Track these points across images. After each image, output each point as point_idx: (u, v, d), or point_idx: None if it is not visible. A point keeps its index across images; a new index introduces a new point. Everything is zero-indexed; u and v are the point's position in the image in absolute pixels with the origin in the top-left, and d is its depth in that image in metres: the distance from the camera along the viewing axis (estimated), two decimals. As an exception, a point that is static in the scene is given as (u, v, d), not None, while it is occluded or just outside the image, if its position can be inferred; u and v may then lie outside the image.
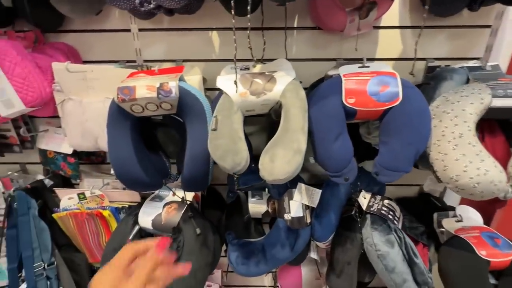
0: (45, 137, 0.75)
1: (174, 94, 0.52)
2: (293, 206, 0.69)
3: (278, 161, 0.47)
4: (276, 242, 0.68)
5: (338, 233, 0.70)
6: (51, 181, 0.85)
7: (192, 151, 0.55)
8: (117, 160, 0.55)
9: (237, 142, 0.49)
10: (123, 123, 0.55)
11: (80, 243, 0.80)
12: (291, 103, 0.50)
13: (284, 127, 0.49)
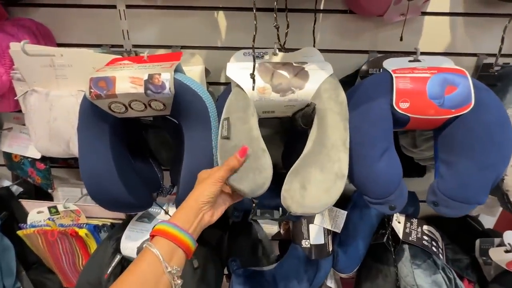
0: (8, 137, 0.61)
1: (167, 90, 0.38)
2: (313, 231, 0.56)
3: (313, 189, 0.33)
4: (291, 274, 0.56)
5: (367, 264, 0.58)
6: (20, 188, 0.72)
7: (190, 165, 0.41)
8: (90, 174, 0.41)
9: (259, 156, 0.35)
10: (99, 125, 0.41)
11: (52, 264, 0.66)
12: (329, 107, 0.37)
13: (319, 140, 0.36)
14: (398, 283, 0.53)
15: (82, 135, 0.41)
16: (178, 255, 0.32)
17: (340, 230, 0.57)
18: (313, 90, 0.38)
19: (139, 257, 0.31)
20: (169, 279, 0.30)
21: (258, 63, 0.42)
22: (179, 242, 0.32)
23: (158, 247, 0.31)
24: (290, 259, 0.57)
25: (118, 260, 0.50)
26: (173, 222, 0.33)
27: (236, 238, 0.63)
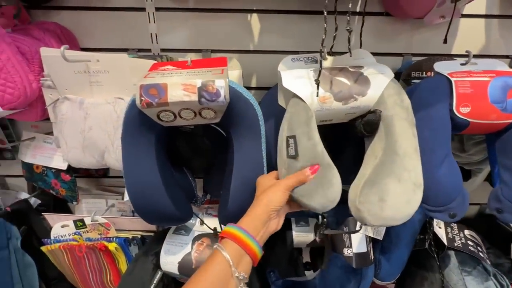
0: (31, 147, 0.58)
1: (222, 97, 0.36)
2: (355, 239, 0.55)
3: (393, 201, 0.32)
4: (335, 284, 0.54)
5: (409, 271, 0.56)
6: (38, 200, 0.68)
7: (241, 174, 0.39)
8: (137, 188, 0.39)
9: (327, 171, 0.34)
10: (145, 135, 0.39)
11: (77, 281, 0.63)
12: (395, 113, 0.35)
13: (390, 149, 0.34)
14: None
15: (127, 146, 0.39)
16: (246, 261, 0.32)
17: (382, 237, 0.55)
18: (376, 96, 0.37)
19: (210, 259, 0.31)
20: (236, 284, 0.30)
21: (313, 70, 0.40)
22: (247, 248, 0.32)
23: (228, 251, 0.31)
24: (332, 268, 0.55)
25: (159, 277, 0.48)
26: (243, 227, 0.32)
27: (273, 247, 0.61)
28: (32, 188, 0.71)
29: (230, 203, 0.39)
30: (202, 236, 0.52)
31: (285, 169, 0.36)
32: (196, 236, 0.51)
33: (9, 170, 0.72)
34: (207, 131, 0.49)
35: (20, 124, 0.66)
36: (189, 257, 0.49)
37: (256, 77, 0.63)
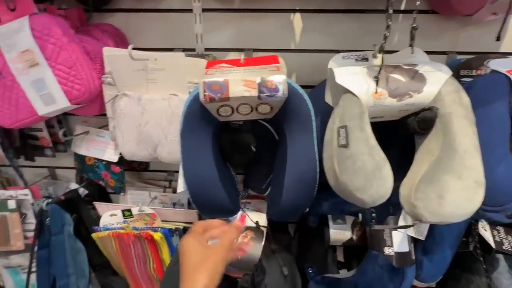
0: (84, 140, 0.62)
1: (281, 93, 0.37)
2: (396, 238, 0.54)
3: (453, 198, 0.32)
4: (375, 282, 0.54)
5: (453, 274, 0.55)
6: (85, 190, 0.72)
7: (295, 172, 0.40)
8: (196, 179, 0.41)
9: (382, 166, 0.34)
10: (203, 129, 0.41)
11: (122, 268, 0.66)
12: (454, 111, 0.35)
13: (448, 146, 0.34)
14: (492, 294, 0.50)
15: (186, 139, 0.41)
16: None
17: (424, 238, 0.54)
18: (433, 93, 0.37)
19: None
20: None
21: (366, 67, 0.40)
22: None
23: None
24: (371, 266, 0.55)
25: (207, 265, 0.50)
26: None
27: (310, 244, 0.62)
28: (80, 179, 0.76)
29: (284, 199, 0.40)
30: (246, 229, 0.53)
31: (335, 158, 0.36)
32: (239, 229, 0.53)
33: (59, 162, 0.77)
34: (255, 127, 0.50)
35: (72, 119, 0.71)
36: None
37: (296, 76, 0.64)
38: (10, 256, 0.76)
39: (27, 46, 0.44)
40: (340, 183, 0.35)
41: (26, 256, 0.77)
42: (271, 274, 0.49)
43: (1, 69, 0.46)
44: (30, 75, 0.46)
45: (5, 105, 0.48)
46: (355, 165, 0.34)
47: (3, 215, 0.63)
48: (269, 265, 0.49)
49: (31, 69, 0.45)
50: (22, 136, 0.65)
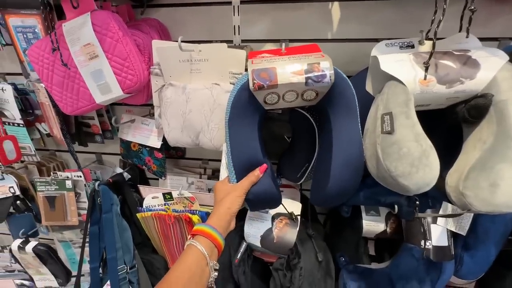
0: (131, 127, 0.67)
1: (328, 78, 0.38)
2: (435, 231, 0.53)
3: (508, 186, 0.31)
4: (411, 275, 0.53)
5: (496, 272, 0.53)
6: (128, 175, 0.78)
7: (343, 157, 0.40)
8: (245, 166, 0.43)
9: (428, 152, 0.34)
10: (250, 118, 0.43)
11: (162, 246, 0.72)
12: (510, 98, 0.34)
13: (502, 134, 0.33)
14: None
15: (235, 127, 0.43)
16: (215, 252, 0.39)
17: (465, 233, 0.52)
18: (487, 80, 0.35)
19: (187, 252, 0.38)
20: (209, 271, 0.37)
21: (413, 54, 0.40)
22: (217, 243, 0.39)
23: (203, 245, 0.38)
24: (406, 259, 0.55)
25: (245, 247, 0.53)
26: (213, 226, 0.40)
27: (342, 233, 0.62)
28: (123, 165, 0.82)
29: (331, 183, 0.41)
30: (280, 215, 0.55)
31: (378, 144, 0.36)
32: (275, 214, 0.55)
33: (106, 149, 0.84)
34: (292, 116, 0.52)
35: (118, 109, 0.78)
36: (270, 232, 0.52)
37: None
38: (64, 232, 0.86)
39: (89, 40, 0.48)
40: (384, 170, 0.36)
41: (76, 232, 0.86)
42: (306, 258, 0.50)
43: (66, 61, 0.51)
44: (90, 67, 0.51)
45: (68, 94, 0.54)
46: (400, 151, 0.34)
47: (62, 193, 0.71)
48: (304, 249, 0.51)
49: (91, 61, 0.50)
50: (76, 124, 0.72)
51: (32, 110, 0.72)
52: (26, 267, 0.80)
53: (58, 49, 0.49)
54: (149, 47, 0.54)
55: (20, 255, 0.77)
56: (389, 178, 0.36)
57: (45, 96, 0.60)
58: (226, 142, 0.44)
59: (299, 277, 0.48)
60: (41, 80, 0.54)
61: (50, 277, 0.83)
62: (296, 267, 0.49)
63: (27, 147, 0.71)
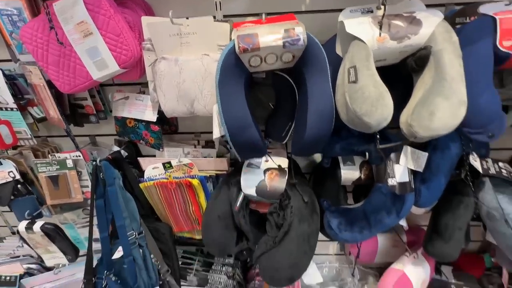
0: (126, 104, 0.71)
1: (302, 41, 0.45)
2: (398, 170, 0.64)
3: (441, 114, 0.41)
4: (381, 208, 0.65)
5: (446, 198, 0.65)
6: (125, 152, 0.83)
7: (317, 108, 0.49)
8: (234, 120, 0.50)
9: (384, 95, 0.43)
10: (237, 79, 0.49)
11: (166, 212, 0.79)
12: (444, 48, 0.43)
13: (437, 75, 0.43)
14: (477, 211, 0.61)
15: (224, 87, 0.49)
16: None
17: (422, 169, 0.64)
18: (428, 35, 0.44)
19: None
20: None
21: (371, 17, 0.48)
22: None
23: None
24: (377, 196, 0.66)
25: (243, 196, 0.61)
26: None
27: (324, 183, 0.72)
28: (118, 143, 0.86)
29: (308, 132, 0.49)
30: (270, 169, 0.64)
31: (346, 92, 0.45)
32: (266, 169, 0.64)
33: (98, 130, 0.87)
34: (275, 80, 0.59)
35: (107, 90, 0.80)
36: (263, 182, 0.61)
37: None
38: (64, 214, 0.90)
39: (82, 18, 0.52)
40: (351, 112, 0.44)
41: (78, 213, 0.90)
42: (295, 200, 0.60)
43: (60, 40, 0.54)
44: (85, 44, 0.54)
45: (65, 73, 0.57)
46: (363, 95, 0.43)
47: (64, 172, 0.75)
48: (293, 193, 0.60)
49: (86, 39, 0.53)
50: (70, 106, 0.75)
51: (22, 95, 0.73)
52: (34, 247, 0.84)
53: (54, 28, 0.52)
54: (138, 24, 0.58)
55: (28, 235, 0.80)
56: (356, 118, 0.45)
57: (39, 78, 0.62)
58: (218, 102, 0.51)
59: (290, 214, 0.57)
60: (36, 61, 0.57)
61: (59, 254, 0.87)
62: (287, 206, 0.58)
63: (23, 131, 0.73)
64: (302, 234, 0.58)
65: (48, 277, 0.93)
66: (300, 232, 0.58)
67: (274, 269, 0.58)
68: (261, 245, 0.61)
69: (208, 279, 0.88)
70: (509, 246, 0.59)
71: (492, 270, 0.96)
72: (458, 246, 0.65)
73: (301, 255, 0.58)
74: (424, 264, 0.82)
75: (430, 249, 0.69)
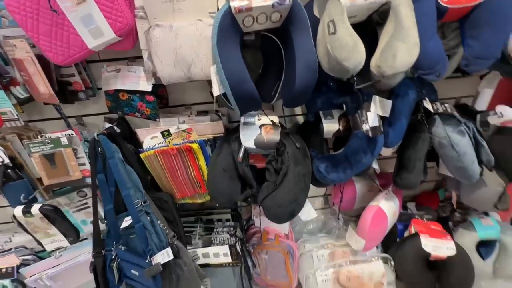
0: (118, 77, 0.73)
1: (288, 1, 0.53)
2: (370, 117, 0.76)
3: (401, 55, 0.52)
4: (358, 150, 0.77)
5: (408, 136, 0.80)
6: (118, 129, 0.85)
7: (304, 61, 0.57)
8: (233, 73, 0.56)
9: (358, 43, 0.52)
10: (233, 38, 0.56)
11: (168, 180, 0.83)
12: (401, 3, 0.54)
13: (396, 25, 0.53)
14: (432, 143, 0.76)
15: (222, 46, 0.55)
16: None
17: (388, 114, 0.77)
18: (387, -8, 0.55)
19: None
20: None
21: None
22: None
23: None
24: (354, 141, 0.78)
25: (244, 148, 0.68)
26: None
27: (309, 137, 0.82)
28: (109, 121, 0.87)
29: (297, 82, 0.57)
30: (265, 124, 0.72)
31: (327, 43, 0.54)
32: (261, 125, 0.71)
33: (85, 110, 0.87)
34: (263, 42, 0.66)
35: (92, 66, 0.80)
36: (260, 136, 0.69)
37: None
38: (58, 199, 0.89)
39: (74, -16, 0.53)
40: (332, 59, 0.54)
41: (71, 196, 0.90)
42: (289, 146, 0.69)
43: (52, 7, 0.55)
44: (79, 12, 0.55)
45: (58, 42, 0.58)
46: (341, 43, 0.52)
47: (59, 151, 0.75)
48: (287, 142, 0.69)
49: (79, 6, 0.55)
50: (57, 83, 0.74)
51: (1, 74, 0.70)
52: (33, 232, 0.83)
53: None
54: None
55: (26, 219, 0.79)
56: (336, 65, 0.54)
57: (26, 51, 0.62)
58: (217, 62, 0.57)
59: (287, 158, 0.67)
60: (25, 32, 0.56)
61: (59, 237, 0.87)
62: (283, 152, 0.67)
63: (8, 111, 0.71)
64: (298, 174, 0.68)
65: (49, 263, 0.92)
66: (296, 173, 0.68)
67: (277, 206, 0.67)
68: (264, 189, 0.70)
69: (212, 240, 0.95)
70: (456, 166, 0.75)
71: (445, 202, 1.17)
72: (419, 175, 0.81)
73: (299, 192, 0.68)
74: (394, 199, 0.98)
75: (398, 180, 0.84)
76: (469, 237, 1.01)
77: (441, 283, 0.90)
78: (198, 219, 1.06)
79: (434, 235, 0.95)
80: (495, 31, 0.57)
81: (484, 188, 0.85)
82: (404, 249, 0.96)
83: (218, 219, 1.05)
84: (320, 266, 0.99)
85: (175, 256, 0.79)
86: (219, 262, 0.90)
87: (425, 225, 1.01)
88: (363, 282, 0.97)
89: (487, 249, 1.05)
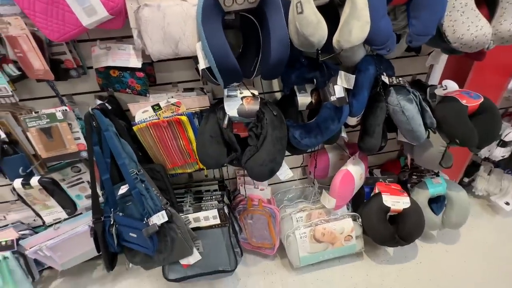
0: (108, 55, 0.79)
1: (262, -17, 0.62)
2: (337, 89, 0.88)
3: (355, 30, 0.63)
4: (327, 118, 0.89)
5: (369, 106, 0.94)
6: (109, 106, 0.90)
7: (278, 36, 0.67)
8: (216, 48, 0.65)
9: (321, 20, 0.63)
10: (215, 17, 0.64)
11: (160, 151, 0.91)
12: (355, -14, 0.64)
13: (352, 6, 0.64)
14: (388, 110, 0.91)
15: (206, 24, 0.64)
16: None
17: (352, 87, 0.90)
18: (345, -22, 0.65)
19: None
20: None
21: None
22: None
23: None
24: (324, 111, 0.90)
25: (228, 117, 0.78)
26: None
27: (286, 110, 0.93)
28: (100, 98, 0.92)
29: (273, 55, 0.67)
30: (246, 96, 0.82)
31: (296, 21, 0.64)
32: (243, 97, 0.81)
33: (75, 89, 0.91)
34: (242, 22, 0.74)
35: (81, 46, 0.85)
36: (242, 106, 0.79)
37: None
38: (52, 174, 0.94)
39: (69, -35, 0.58)
40: (301, 35, 0.64)
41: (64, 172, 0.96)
42: (268, 113, 0.80)
43: (48, -13, 0.60)
44: (73, -9, 0.61)
45: (53, 20, 0.63)
46: (307, 21, 0.62)
47: (55, 125, 0.80)
48: (265, 110, 0.80)
49: (73, -14, 0.60)
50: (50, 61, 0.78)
51: (-8, 53, 0.74)
52: (32, 204, 0.89)
53: (42, -26, 0.57)
54: (116, -26, 0.66)
55: (25, 191, 0.84)
56: (304, 40, 0.65)
57: (21, 28, 0.66)
58: (202, 38, 0.65)
59: (266, 123, 0.77)
60: (22, 9, 0.61)
61: (57, 209, 0.93)
62: (263, 118, 0.78)
63: (3, 88, 0.75)
64: (276, 137, 0.80)
65: (48, 234, 0.98)
66: (274, 136, 0.79)
67: (259, 165, 0.78)
68: (247, 153, 0.81)
69: (202, 206, 1.05)
70: (406, 129, 0.90)
71: (405, 168, 1.35)
72: (379, 138, 0.95)
73: (277, 152, 0.80)
74: (360, 163, 1.14)
75: (362, 145, 0.98)
76: (423, 194, 1.19)
77: (399, 231, 1.07)
78: (188, 190, 1.15)
79: (393, 193, 1.12)
80: (431, 12, 0.70)
81: (431, 149, 1.01)
82: (369, 205, 1.12)
83: (206, 190, 1.15)
84: (298, 226, 1.13)
85: (169, 221, 0.88)
86: (209, 224, 1.00)
87: (386, 186, 1.17)
88: (335, 236, 1.13)
89: (438, 205, 1.25)
